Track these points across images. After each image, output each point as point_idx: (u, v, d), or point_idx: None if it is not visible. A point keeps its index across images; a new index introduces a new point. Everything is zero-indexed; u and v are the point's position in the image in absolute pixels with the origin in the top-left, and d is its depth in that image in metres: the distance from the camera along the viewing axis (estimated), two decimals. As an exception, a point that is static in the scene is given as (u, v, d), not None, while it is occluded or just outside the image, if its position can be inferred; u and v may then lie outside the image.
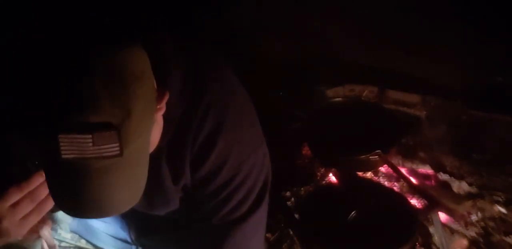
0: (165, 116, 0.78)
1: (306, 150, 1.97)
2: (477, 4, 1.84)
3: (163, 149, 0.87)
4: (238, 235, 0.97)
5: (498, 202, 1.73)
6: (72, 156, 0.60)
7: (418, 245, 1.59)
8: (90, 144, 0.59)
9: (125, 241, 1.23)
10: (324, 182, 1.86)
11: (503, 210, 1.70)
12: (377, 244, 1.49)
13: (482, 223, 1.66)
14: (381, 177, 1.84)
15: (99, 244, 1.26)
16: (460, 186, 1.78)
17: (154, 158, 0.84)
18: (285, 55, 2.25)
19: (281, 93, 2.25)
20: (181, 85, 0.82)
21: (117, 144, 0.61)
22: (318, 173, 1.89)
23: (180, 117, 0.84)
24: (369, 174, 1.86)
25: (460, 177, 1.83)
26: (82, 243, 1.26)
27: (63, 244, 1.22)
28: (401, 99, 2.16)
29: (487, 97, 2.03)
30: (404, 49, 2.08)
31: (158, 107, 0.72)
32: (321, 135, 1.87)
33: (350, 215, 1.56)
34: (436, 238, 1.60)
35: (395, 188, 1.77)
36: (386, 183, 1.80)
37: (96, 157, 0.61)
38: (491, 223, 1.66)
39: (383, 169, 1.85)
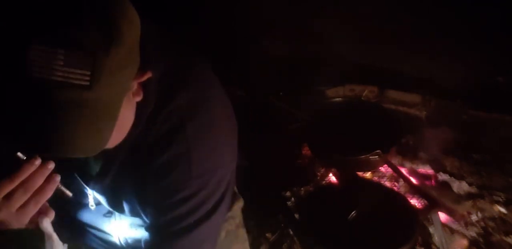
0: (137, 112, 0.77)
1: (306, 150, 1.97)
2: (477, 4, 1.84)
3: (126, 149, 0.84)
4: (182, 245, 0.91)
5: (498, 202, 1.73)
6: (39, 75, 0.56)
7: (418, 245, 1.59)
8: (61, 62, 0.56)
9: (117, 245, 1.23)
10: (324, 182, 1.86)
11: (503, 210, 1.70)
12: (377, 244, 1.49)
13: (482, 223, 1.66)
14: (381, 177, 1.84)
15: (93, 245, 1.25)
16: (460, 186, 1.78)
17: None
18: (285, 55, 2.25)
19: (281, 93, 2.25)
20: (156, 86, 0.80)
21: (88, 72, 0.57)
22: (318, 173, 1.89)
23: (147, 117, 0.81)
24: (369, 174, 1.86)
25: (460, 177, 1.83)
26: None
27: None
28: (401, 99, 2.16)
29: (487, 97, 2.03)
30: (404, 49, 2.09)
31: (137, 81, 0.69)
32: (321, 135, 1.87)
33: (350, 215, 1.56)
34: (436, 238, 1.60)
35: (395, 188, 1.77)
36: (386, 183, 1.80)
37: (63, 82, 0.57)
38: (491, 223, 1.66)
39: (383, 169, 1.85)
